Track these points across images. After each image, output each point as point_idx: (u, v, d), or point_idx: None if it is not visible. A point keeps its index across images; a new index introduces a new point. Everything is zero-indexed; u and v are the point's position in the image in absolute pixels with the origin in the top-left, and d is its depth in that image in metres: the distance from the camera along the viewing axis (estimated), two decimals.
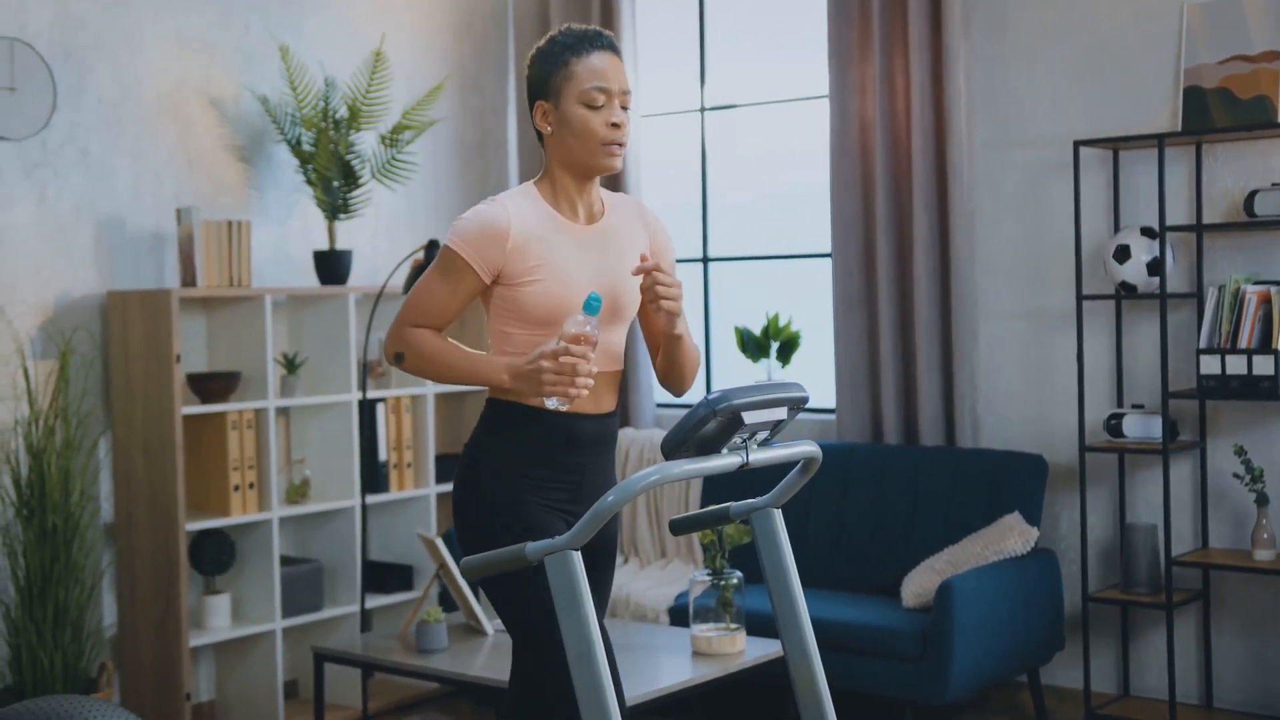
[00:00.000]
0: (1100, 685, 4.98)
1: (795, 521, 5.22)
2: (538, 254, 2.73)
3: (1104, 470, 4.99)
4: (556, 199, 2.80)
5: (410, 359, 2.75)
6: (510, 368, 2.67)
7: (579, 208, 2.82)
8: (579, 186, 2.81)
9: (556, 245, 2.76)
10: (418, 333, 2.75)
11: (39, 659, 4.46)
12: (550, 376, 2.59)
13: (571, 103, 2.74)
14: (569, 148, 2.76)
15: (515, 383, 2.65)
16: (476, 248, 2.71)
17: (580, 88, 2.73)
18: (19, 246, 4.76)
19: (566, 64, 2.75)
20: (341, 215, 5.36)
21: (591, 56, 2.75)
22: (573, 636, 2.34)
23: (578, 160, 2.76)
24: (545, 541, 2.38)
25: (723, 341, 6.00)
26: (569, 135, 2.75)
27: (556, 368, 2.59)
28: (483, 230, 2.71)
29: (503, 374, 2.67)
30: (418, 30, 5.94)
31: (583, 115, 2.74)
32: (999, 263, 5.19)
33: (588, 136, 2.74)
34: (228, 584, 5.13)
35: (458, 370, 2.72)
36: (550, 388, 2.60)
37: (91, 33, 4.94)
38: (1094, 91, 4.97)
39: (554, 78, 2.75)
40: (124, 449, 4.88)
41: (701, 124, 6.01)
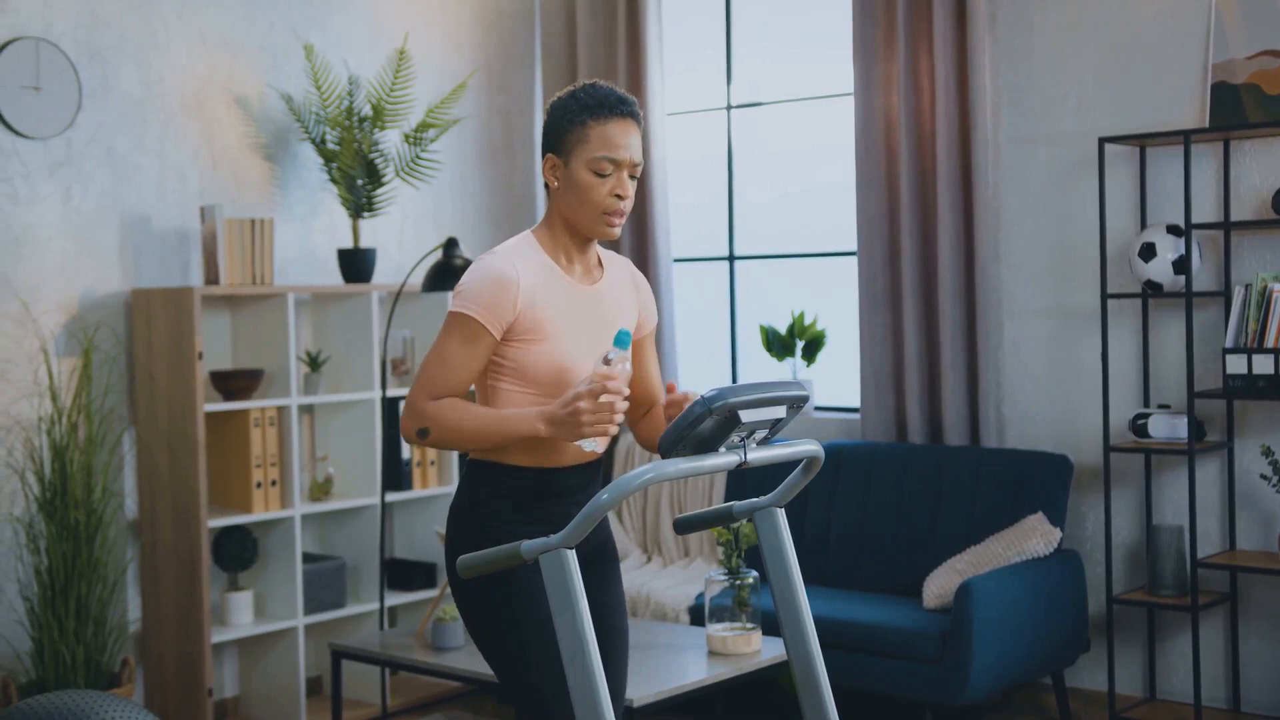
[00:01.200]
0: (1126, 688, 4.93)
1: (818, 521, 5.20)
2: (542, 313, 2.69)
3: (1130, 471, 4.93)
4: (555, 250, 2.76)
5: (435, 432, 2.64)
6: (544, 415, 2.60)
7: (576, 262, 2.78)
8: (578, 244, 2.77)
9: (559, 305, 2.72)
10: (438, 404, 2.65)
11: (61, 654, 4.49)
12: (589, 417, 2.54)
13: (580, 166, 2.70)
14: (570, 207, 2.72)
15: (551, 429, 2.58)
16: (489, 308, 2.65)
17: (591, 154, 2.69)
18: (44, 245, 4.80)
19: (583, 125, 2.70)
20: (365, 213, 5.38)
21: (609, 125, 2.70)
22: (567, 636, 2.33)
23: (575, 222, 2.73)
24: (539, 540, 2.37)
25: (748, 340, 5.98)
26: (571, 196, 2.71)
27: (594, 407, 2.53)
28: (494, 289, 2.65)
29: (537, 424, 2.60)
30: (443, 28, 5.95)
31: (589, 182, 2.69)
32: (1024, 261, 5.14)
33: (589, 204, 2.70)
34: (250, 581, 5.15)
35: (488, 432, 2.64)
36: (590, 428, 2.55)
37: (116, 32, 4.97)
38: (1121, 88, 4.91)
39: (568, 136, 2.71)
40: (148, 446, 4.91)
41: (728, 122, 5.99)
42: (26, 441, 4.68)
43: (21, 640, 4.66)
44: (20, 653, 4.65)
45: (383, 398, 4.98)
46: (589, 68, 6.03)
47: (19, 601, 4.66)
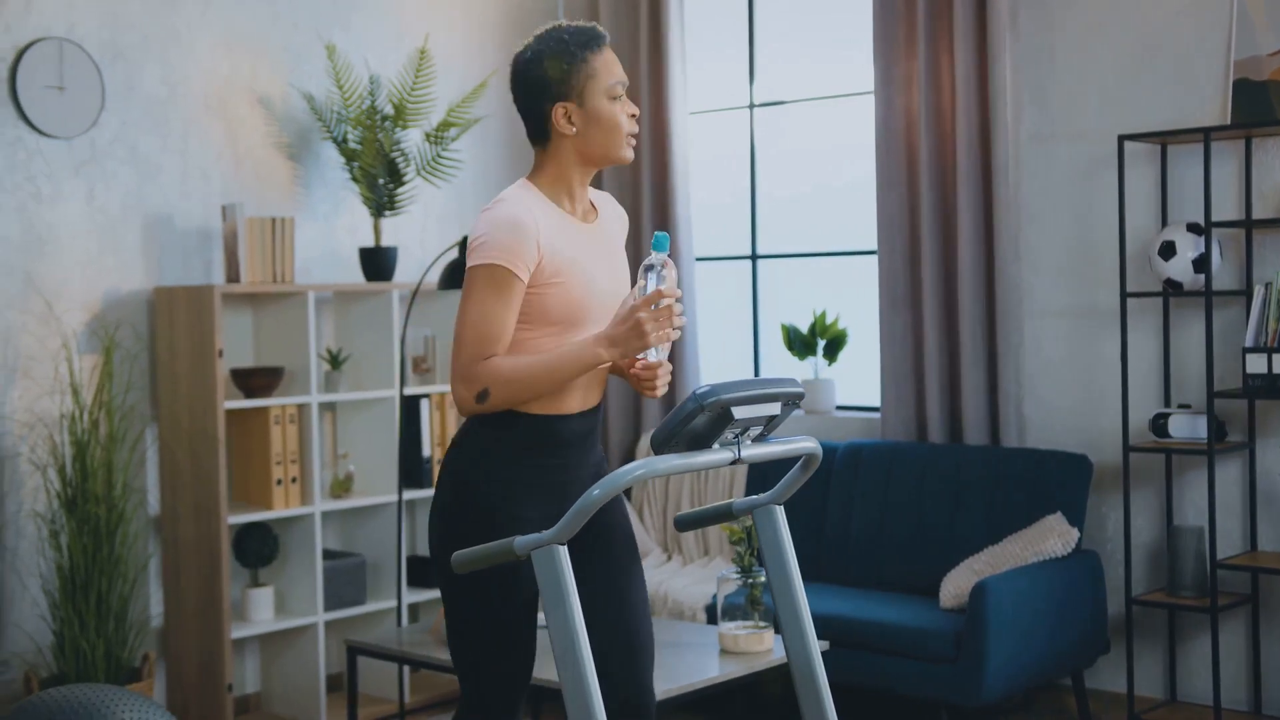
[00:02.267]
0: (1147, 690, 4.89)
1: (838, 520, 5.19)
2: (559, 254, 2.70)
3: (1151, 471, 4.89)
4: (557, 195, 2.78)
5: (496, 391, 2.61)
6: (605, 339, 2.62)
7: (576, 204, 2.81)
8: (581, 183, 2.81)
9: (573, 244, 2.74)
10: (490, 363, 2.62)
11: (82, 648, 4.54)
12: (651, 325, 2.58)
13: (600, 99, 2.73)
14: (595, 143, 2.74)
15: (614, 349, 2.60)
16: (515, 254, 2.63)
17: (605, 83, 2.73)
18: (68, 244, 4.85)
19: (586, 61, 2.72)
20: (387, 212, 5.40)
21: (604, 52, 2.76)
22: (558, 631, 2.33)
23: (600, 154, 2.76)
24: (532, 536, 2.38)
25: (770, 339, 5.97)
26: (597, 132, 2.74)
27: (653, 315, 2.58)
28: (515, 235, 2.64)
29: (598, 350, 2.61)
30: (465, 27, 5.97)
31: (610, 110, 2.74)
32: (1045, 259, 5.11)
33: (616, 130, 2.75)
34: (271, 577, 5.18)
35: (550, 373, 2.62)
36: (655, 335, 2.58)
37: (139, 33, 5.02)
38: (1142, 85, 4.88)
39: (574, 76, 2.72)
40: (169, 443, 4.96)
41: (750, 121, 5.98)
42: (49, 438, 4.73)
43: (44, 634, 4.71)
44: (42, 647, 4.70)
45: (401, 395, 5.00)
46: None
47: (41, 596, 4.71)
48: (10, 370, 4.70)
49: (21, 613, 4.71)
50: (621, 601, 2.82)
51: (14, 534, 4.70)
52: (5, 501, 4.68)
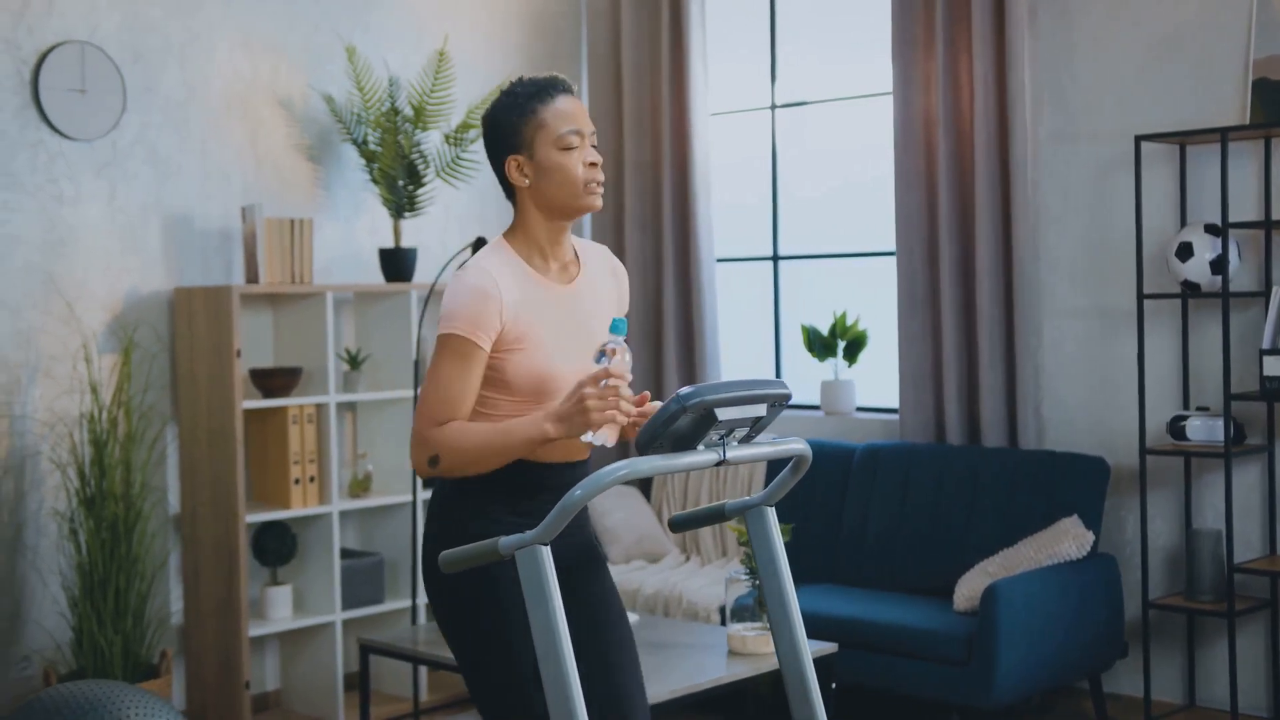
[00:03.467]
0: (1165, 694, 4.85)
1: (855, 521, 5.17)
2: (525, 322, 2.68)
3: (1170, 474, 4.86)
4: (529, 253, 2.75)
5: (445, 457, 2.61)
6: (552, 415, 2.58)
7: (551, 260, 2.77)
8: (553, 237, 2.76)
9: (538, 311, 2.70)
10: (443, 430, 2.62)
11: (99, 645, 4.59)
12: (595, 403, 2.52)
13: (548, 150, 2.69)
14: (550, 196, 2.71)
15: (560, 427, 2.57)
16: (477, 324, 2.63)
17: (555, 134, 2.69)
18: (89, 244, 4.90)
19: (534, 113, 2.70)
20: (407, 213, 5.43)
21: (557, 101, 2.71)
22: (541, 631, 2.34)
23: (560, 206, 2.72)
24: (515, 536, 2.38)
25: (792, 340, 5.96)
26: (549, 184, 2.70)
27: (599, 394, 2.53)
28: (477, 304, 2.63)
29: (545, 425, 2.58)
30: (487, 28, 5.99)
31: (561, 160, 2.69)
32: (1064, 260, 5.08)
33: (569, 182, 2.70)
34: (290, 575, 5.22)
35: (497, 446, 2.61)
36: (599, 415, 2.53)
37: (160, 35, 5.07)
38: (1161, 85, 4.84)
39: (524, 129, 2.70)
40: (189, 442, 5.00)
41: (772, 121, 5.98)
42: (69, 437, 4.79)
43: (63, 631, 4.76)
44: (61, 643, 4.76)
45: (415, 396, 5.02)
46: (633, 68, 6.04)
47: (61, 594, 4.77)
48: (32, 370, 4.76)
49: (42, 609, 4.77)
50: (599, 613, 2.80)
51: (35, 532, 4.76)
52: (26, 499, 4.74)
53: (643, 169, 6.06)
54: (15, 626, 4.72)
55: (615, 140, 6.17)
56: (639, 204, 6.06)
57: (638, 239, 6.06)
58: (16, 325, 4.74)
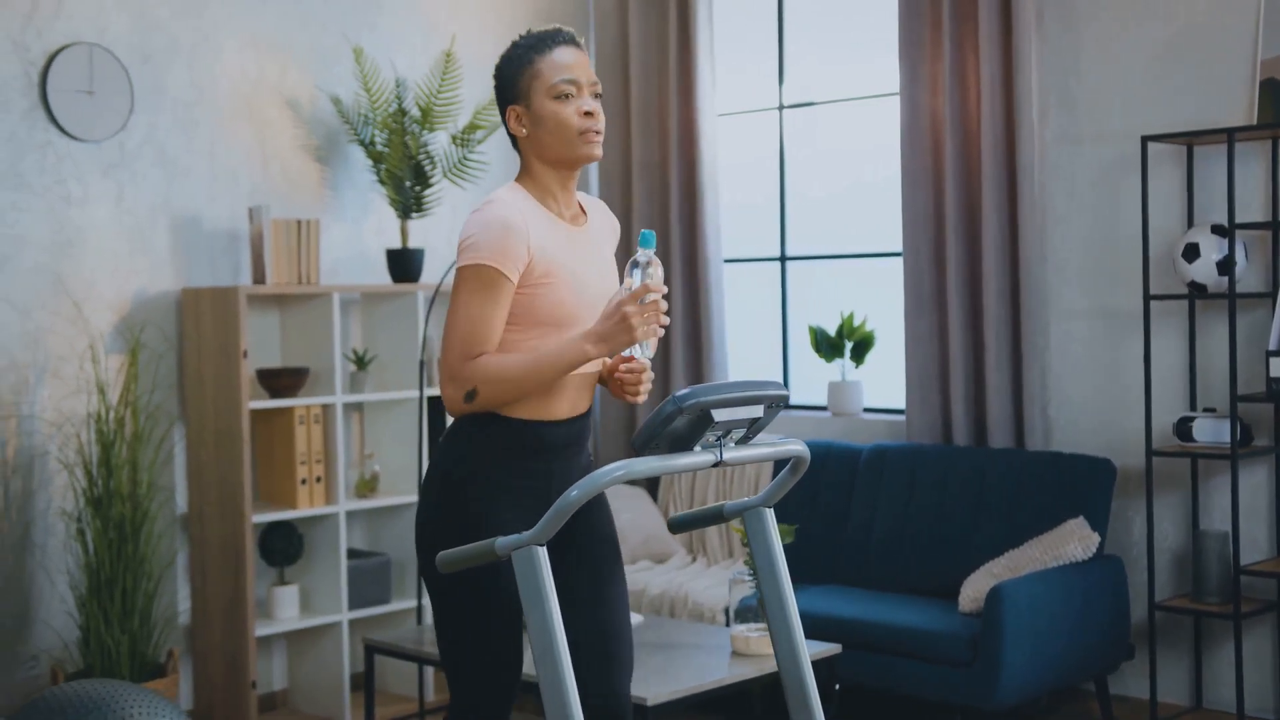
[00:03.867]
0: (1172, 696, 4.84)
1: (861, 523, 5.17)
2: (548, 255, 2.71)
3: (1178, 475, 4.84)
4: (543, 197, 2.79)
5: (484, 390, 2.63)
6: (592, 335, 2.62)
7: (562, 207, 2.81)
8: (561, 184, 2.79)
9: (560, 248, 2.74)
10: (477, 363, 2.64)
11: (106, 644, 4.60)
12: (638, 320, 2.58)
13: (542, 99, 2.73)
14: (547, 145, 2.74)
15: (602, 345, 2.61)
16: (504, 254, 2.64)
17: (548, 83, 2.73)
18: (97, 245, 4.92)
19: (531, 63, 2.74)
20: (414, 214, 5.44)
21: (554, 52, 2.75)
22: (537, 631, 2.34)
23: (558, 156, 2.75)
24: (513, 537, 2.39)
25: (799, 341, 5.96)
26: (545, 133, 2.74)
27: (639, 310, 2.58)
28: (504, 235, 2.65)
29: (585, 346, 2.62)
30: (495, 30, 6.00)
31: (555, 109, 2.72)
32: (1071, 261, 5.07)
33: (564, 129, 2.72)
34: (297, 575, 5.24)
35: (538, 373, 2.63)
36: (642, 330, 2.59)
37: (168, 37, 5.08)
38: (1168, 85, 4.83)
39: (520, 79, 2.75)
40: (196, 442, 5.02)
41: (780, 122, 5.97)
42: (76, 437, 4.80)
43: (71, 630, 4.78)
44: (69, 642, 4.77)
45: (423, 396, 5.03)
46: (641, 68, 6.05)
47: (69, 593, 4.78)
48: (40, 370, 4.78)
49: (50, 609, 4.78)
50: (601, 608, 2.82)
51: (43, 531, 4.78)
52: (34, 499, 4.76)
53: (650, 170, 6.07)
54: (23, 626, 4.74)
55: (623, 141, 6.18)
56: (646, 204, 6.06)
57: None
58: (25, 326, 4.76)
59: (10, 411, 4.72)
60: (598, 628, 2.81)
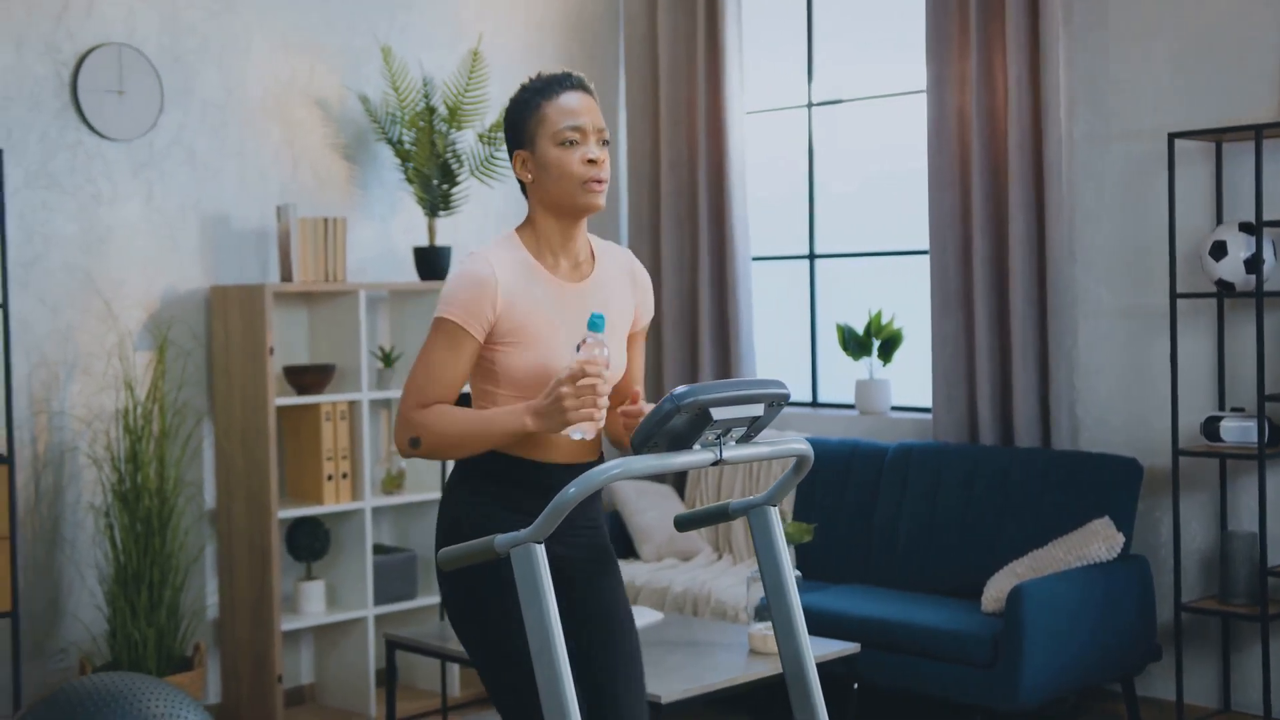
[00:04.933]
0: (1200, 698, 4.80)
1: (886, 521, 5.15)
2: (521, 315, 2.67)
3: (1206, 475, 4.80)
4: (539, 249, 2.75)
5: (426, 440, 2.63)
6: (530, 409, 2.59)
7: (561, 258, 2.76)
8: (563, 234, 2.75)
9: (539, 306, 2.69)
10: (426, 412, 2.64)
11: (133, 637, 4.66)
12: (572, 402, 2.53)
13: (547, 145, 2.69)
14: (550, 192, 2.71)
15: (538, 421, 2.58)
16: (468, 310, 2.63)
17: (553, 129, 2.68)
18: (127, 244, 4.97)
19: (538, 108, 2.69)
20: (441, 212, 5.47)
21: (562, 97, 2.70)
22: (534, 629, 2.35)
23: (559, 203, 2.72)
24: (510, 535, 2.39)
25: (828, 339, 5.94)
26: (548, 180, 2.70)
27: (575, 392, 2.53)
28: (472, 291, 2.64)
29: (524, 418, 2.59)
30: (525, 28, 6.01)
31: (559, 156, 2.68)
32: (1099, 260, 5.03)
33: (566, 178, 2.69)
34: (323, 571, 5.28)
35: (476, 434, 2.63)
36: (574, 413, 2.54)
37: (198, 37, 5.13)
38: (1197, 82, 4.78)
39: (528, 124, 2.70)
40: (224, 438, 5.07)
41: (808, 120, 5.96)
42: (105, 433, 4.86)
43: (99, 624, 4.84)
44: (97, 636, 4.83)
45: None
46: (669, 66, 6.05)
47: (98, 587, 4.84)
48: (70, 366, 4.84)
49: (79, 602, 4.84)
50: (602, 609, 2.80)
51: (72, 526, 4.84)
52: (64, 494, 4.82)
53: (678, 168, 6.07)
54: (53, 618, 4.81)
55: (652, 138, 6.19)
56: (675, 202, 6.07)
57: (674, 237, 6.07)
58: (55, 323, 4.82)
59: (41, 407, 4.78)
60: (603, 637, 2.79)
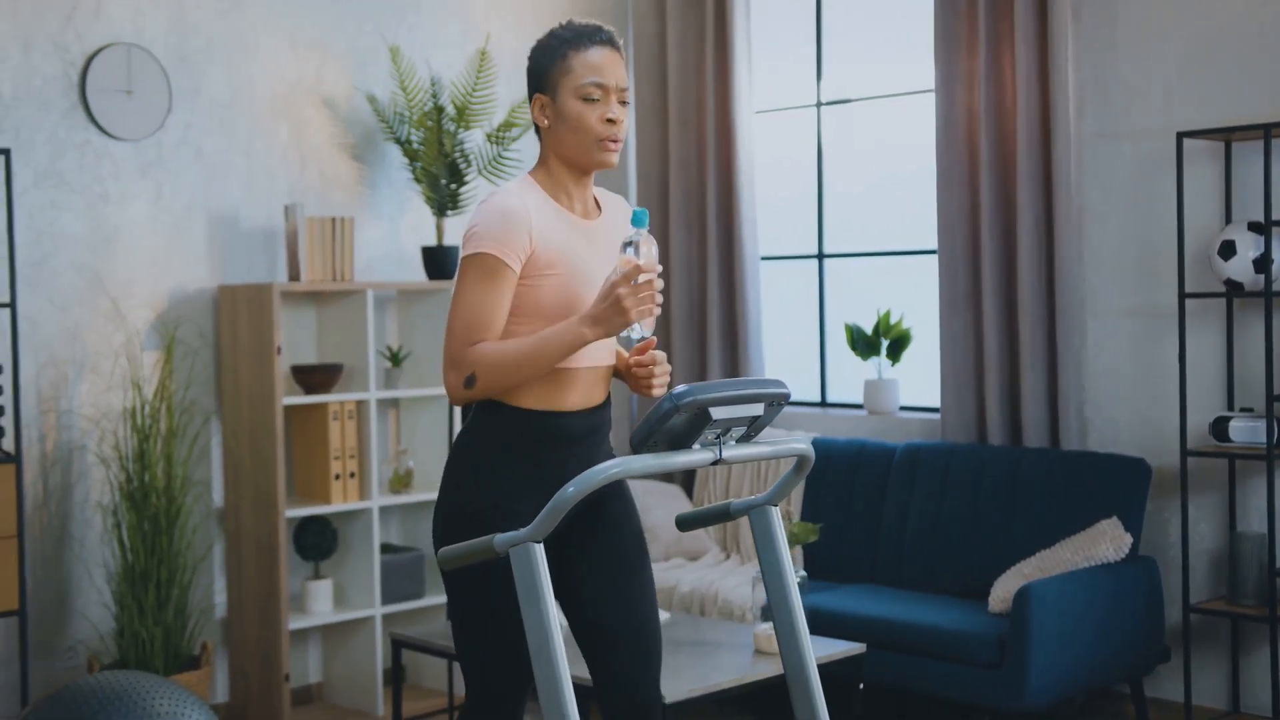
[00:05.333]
0: (1209, 700, 4.78)
1: (893, 522, 5.14)
2: (552, 247, 2.70)
3: (1215, 476, 4.78)
4: (555, 189, 2.78)
5: (483, 376, 2.63)
6: (588, 318, 2.60)
7: (575, 201, 2.80)
8: (576, 180, 2.79)
9: (566, 240, 2.73)
10: (477, 349, 2.64)
11: (140, 636, 4.66)
12: (631, 300, 2.55)
13: (568, 97, 2.72)
14: (565, 142, 2.74)
15: (598, 329, 2.59)
16: (505, 243, 2.64)
17: (577, 82, 2.72)
18: (135, 243, 4.98)
19: (564, 58, 2.73)
20: (449, 211, 5.47)
21: (590, 51, 2.73)
22: (533, 628, 2.35)
23: (574, 156, 2.75)
24: (510, 534, 2.40)
25: (838, 338, 5.93)
26: (565, 130, 2.74)
27: (632, 290, 2.55)
28: (506, 224, 2.65)
29: (581, 329, 2.60)
30: (534, 27, 6.00)
31: (579, 110, 2.72)
32: (1108, 259, 5.01)
33: (583, 132, 2.72)
34: (331, 570, 5.28)
35: (536, 357, 2.62)
36: (636, 311, 2.56)
37: (205, 37, 5.14)
38: (1206, 81, 4.76)
39: (552, 71, 2.75)
40: (232, 437, 5.07)
41: (817, 119, 5.95)
42: (113, 432, 4.87)
43: (107, 622, 4.85)
44: (105, 634, 4.84)
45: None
46: (678, 65, 6.04)
47: (105, 586, 4.85)
48: (78, 366, 4.85)
49: (87, 600, 4.85)
50: (630, 602, 2.83)
51: (81, 524, 4.85)
52: (73, 492, 4.83)
53: (687, 167, 6.06)
54: (62, 617, 4.82)
55: (660, 137, 6.18)
56: (683, 202, 6.06)
57: (682, 237, 6.06)
58: (64, 322, 4.83)
59: (49, 406, 4.79)
60: (630, 625, 2.81)
